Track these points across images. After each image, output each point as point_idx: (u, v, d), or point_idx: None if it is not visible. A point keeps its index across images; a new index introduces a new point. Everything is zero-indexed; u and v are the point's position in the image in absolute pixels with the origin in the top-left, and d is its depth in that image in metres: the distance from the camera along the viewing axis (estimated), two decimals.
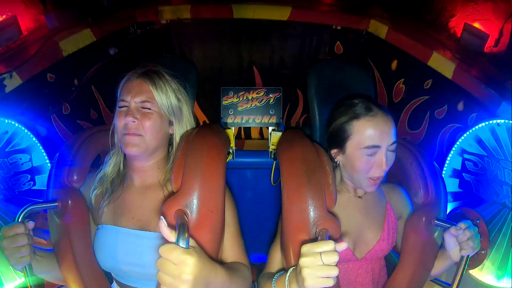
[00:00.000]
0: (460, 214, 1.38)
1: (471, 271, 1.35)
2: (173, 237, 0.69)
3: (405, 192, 1.18)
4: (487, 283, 1.33)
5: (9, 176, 1.33)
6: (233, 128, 1.54)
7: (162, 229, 0.70)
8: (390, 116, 1.02)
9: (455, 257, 1.01)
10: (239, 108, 1.58)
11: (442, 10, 1.71)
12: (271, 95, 1.57)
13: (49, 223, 1.04)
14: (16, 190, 1.35)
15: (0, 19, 1.47)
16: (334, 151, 1.09)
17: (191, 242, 0.71)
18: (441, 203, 1.10)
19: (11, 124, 1.31)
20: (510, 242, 1.28)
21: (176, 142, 1.03)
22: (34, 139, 1.36)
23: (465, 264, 0.99)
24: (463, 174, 1.45)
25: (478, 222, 1.30)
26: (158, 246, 0.68)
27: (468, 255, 0.98)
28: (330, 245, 0.73)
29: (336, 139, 1.06)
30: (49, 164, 1.39)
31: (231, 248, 1.00)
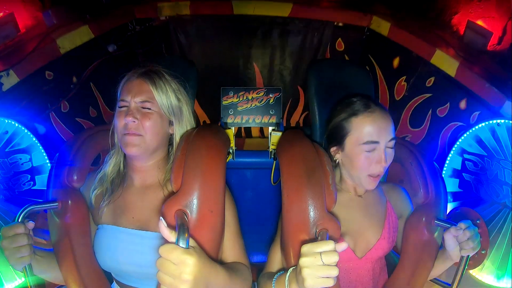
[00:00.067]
0: (460, 214, 1.38)
1: (471, 271, 1.35)
2: (173, 237, 0.69)
3: (405, 191, 1.18)
4: (487, 283, 1.33)
5: (9, 176, 1.33)
6: (233, 128, 1.54)
7: (162, 229, 0.70)
8: (388, 113, 1.04)
9: (455, 257, 1.01)
10: (239, 108, 1.58)
11: (445, 7, 1.70)
12: (271, 95, 1.57)
13: (49, 223, 1.04)
14: (16, 190, 1.35)
15: None
16: (333, 149, 1.10)
17: (191, 242, 0.71)
18: (441, 203, 1.10)
19: (11, 124, 1.31)
20: (510, 242, 1.28)
21: (176, 142, 1.03)
22: (34, 139, 1.36)
23: (465, 264, 0.99)
24: (463, 174, 1.45)
25: (478, 222, 1.30)
26: (158, 246, 0.68)
27: (468, 255, 0.97)
28: (330, 245, 0.73)
29: (335, 136, 1.08)
30: (49, 164, 1.39)
31: (231, 248, 1.00)
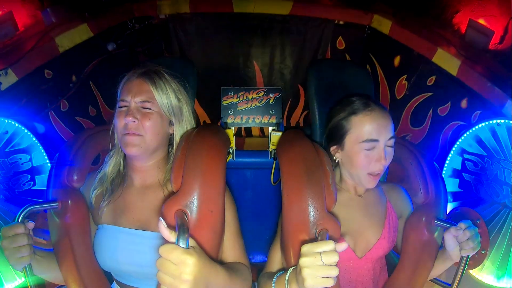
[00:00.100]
0: (460, 214, 1.38)
1: (471, 271, 1.35)
2: (173, 237, 0.69)
3: (405, 191, 1.18)
4: (487, 283, 1.33)
5: (9, 176, 1.33)
6: (233, 128, 1.54)
7: (162, 230, 0.70)
8: (388, 113, 1.05)
9: (455, 257, 1.01)
10: (239, 108, 1.58)
11: (447, 6, 1.68)
12: (271, 95, 1.57)
13: (49, 223, 1.04)
14: (16, 190, 1.35)
15: None
16: (333, 148, 1.10)
17: (191, 242, 0.71)
18: (441, 203, 1.10)
19: (11, 124, 1.31)
20: (510, 242, 1.28)
21: (176, 142, 1.03)
22: (34, 139, 1.36)
23: (465, 264, 0.99)
24: (463, 174, 1.45)
25: (478, 222, 1.30)
26: (158, 246, 0.68)
27: (468, 255, 0.97)
28: (330, 245, 0.73)
29: (335, 135, 1.08)
30: (49, 164, 1.39)
31: (231, 248, 1.00)
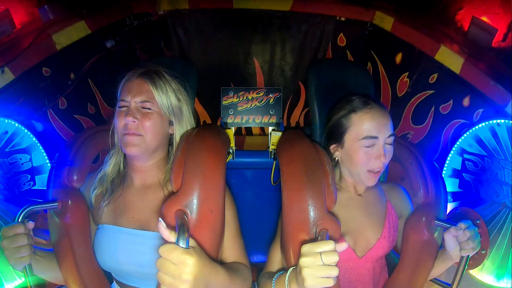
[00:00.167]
0: (460, 214, 1.38)
1: (471, 271, 1.35)
2: (172, 237, 0.69)
3: (405, 191, 1.18)
4: (487, 283, 1.33)
5: (9, 176, 1.33)
6: (233, 128, 1.54)
7: (161, 230, 0.70)
8: (387, 111, 1.06)
9: (455, 257, 1.01)
10: (239, 108, 1.58)
11: (449, 3, 1.65)
12: (271, 95, 1.57)
13: (49, 223, 1.04)
14: (16, 190, 1.35)
15: None
16: (333, 146, 1.11)
17: (191, 242, 0.71)
18: (441, 203, 1.11)
19: (11, 124, 1.31)
20: (510, 242, 1.28)
21: (176, 142, 1.03)
22: (34, 139, 1.36)
23: (465, 264, 0.99)
24: (463, 174, 1.45)
25: (478, 222, 1.30)
26: (158, 246, 0.68)
27: (468, 255, 0.98)
28: (330, 245, 0.73)
29: (335, 133, 1.09)
30: (49, 164, 1.39)
31: (231, 248, 1.00)
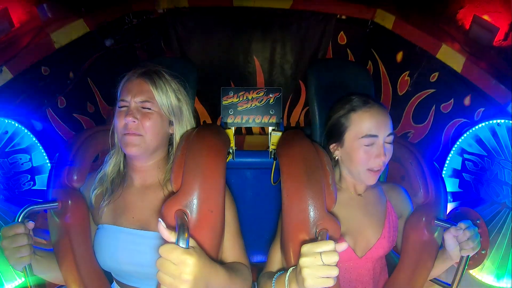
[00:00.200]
0: (460, 214, 1.38)
1: (471, 271, 1.35)
2: (172, 238, 0.69)
3: (405, 191, 1.18)
4: (487, 283, 1.33)
5: (9, 176, 1.33)
6: (233, 128, 1.54)
7: (161, 231, 0.70)
8: (387, 110, 1.07)
9: (455, 257, 1.01)
10: (239, 108, 1.58)
11: (451, 1, 1.64)
12: (271, 95, 1.57)
13: (49, 223, 1.04)
14: (16, 190, 1.35)
15: None
16: (332, 145, 1.11)
17: (191, 242, 0.71)
18: (441, 203, 1.10)
19: (11, 124, 1.31)
20: (510, 242, 1.28)
21: (176, 142, 1.03)
22: (34, 139, 1.36)
23: (465, 264, 0.99)
24: (463, 174, 1.45)
25: (478, 222, 1.30)
26: (158, 245, 0.68)
27: (468, 255, 0.98)
28: (330, 245, 0.73)
29: (334, 132, 1.09)
30: (49, 164, 1.39)
31: (231, 248, 1.00)
